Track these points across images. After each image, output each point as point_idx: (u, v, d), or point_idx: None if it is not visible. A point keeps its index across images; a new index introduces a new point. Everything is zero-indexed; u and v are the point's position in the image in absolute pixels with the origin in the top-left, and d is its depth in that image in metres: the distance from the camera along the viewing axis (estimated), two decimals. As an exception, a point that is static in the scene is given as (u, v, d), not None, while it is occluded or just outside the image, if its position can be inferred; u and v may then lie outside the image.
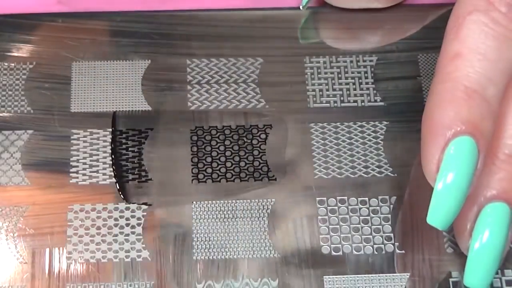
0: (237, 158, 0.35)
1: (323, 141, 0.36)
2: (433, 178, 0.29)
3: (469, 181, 0.28)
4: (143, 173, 0.35)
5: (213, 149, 0.35)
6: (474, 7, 0.29)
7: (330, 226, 0.34)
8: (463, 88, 0.28)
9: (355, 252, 0.33)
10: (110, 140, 0.35)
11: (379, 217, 0.34)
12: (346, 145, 0.36)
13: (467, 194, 0.28)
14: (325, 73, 0.37)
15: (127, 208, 0.34)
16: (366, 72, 0.37)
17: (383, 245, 0.33)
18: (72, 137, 0.35)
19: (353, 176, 0.35)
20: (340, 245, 0.33)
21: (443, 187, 0.28)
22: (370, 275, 0.33)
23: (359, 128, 0.36)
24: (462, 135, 0.28)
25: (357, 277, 0.33)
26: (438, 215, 0.29)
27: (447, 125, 0.28)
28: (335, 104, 0.37)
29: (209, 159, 0.35)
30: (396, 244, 0.33)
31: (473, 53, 0.29)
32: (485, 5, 0.29)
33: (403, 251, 0.33)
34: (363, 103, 0.37)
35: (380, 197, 0.34)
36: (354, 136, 0.36)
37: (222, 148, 0.35)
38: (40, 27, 0.37)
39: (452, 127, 0.28)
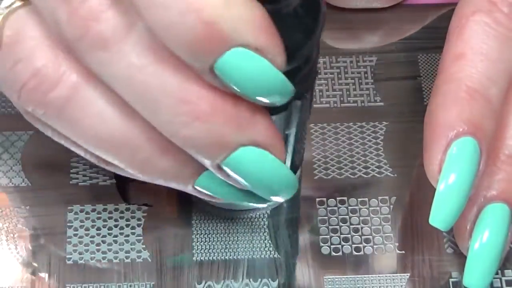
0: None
1: (323, 141, 0.36)
2: (435, 179, 0.29)
3: (471, 182, 0.28)
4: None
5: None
6: (477, 7, 0.29)
7: (330, 227, 0.34)
8: (466, 88, 0.29)
9: (355, 253, 0.33)
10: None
11: (379, 218, 0.34)
12: (346, 146, 0.36)
13: (469, 194, 0.28)
14: (325, 73, 0.37)
15: (127, 209, 0.34)
16: (366, 72, 0.37)
17: (383, 246, 0.33)
18: (72, 138, 0.35)
19: (353, 176, 0.35)
20: (340, 246, 0.33)
21: (445, 188, 0.28)
22: (370, 275, 0.33)
23: (359, 128, 0.36)
24: (464, 136, 0.28)
25: (357, 277, 0.33)
26: (440, 216, 0.28)
27: (450, 126, 0.28)
28: (335, 105, 0.37)
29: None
30: (396, 244, 0.33)
31: (476, 53, 0.29)
32: (487, 6, 0.29)
33: (403, 252, 0.33)
34: (363, 104, 0.37)
35: (380, 198, 0.34)
36: (354, 137, 0.36)
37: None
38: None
39: (454, 128, 0.28)
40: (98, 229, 0.33)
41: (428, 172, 0.29)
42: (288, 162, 0.31)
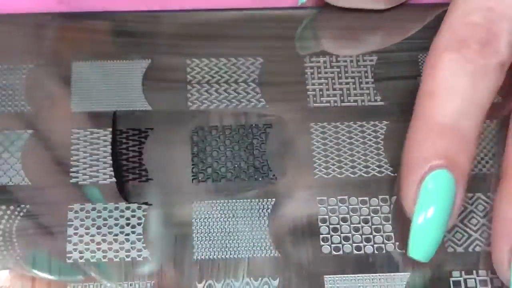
0: (237, 158, 0.35)
1: (323, 141, 0.36)
2: (412, 211, 0.30)
3: (448, 213, 0.29)
4: (143, 173, 0.35)
5: (213, 149, 0.35)
6: (447, 47, 0.30)
7: (330, 226, 0.34)
8: (438, 124, 0.30)
9: (355, 252, 0.33)
10: (110, 140, 0.35)
11: (380, 217, 0.34)
12: (346, 145, 0.36)
13: (447, 225, 0.30)
14: (325, 73, 0.37)
15: (128, 208, 0.34)
16: (366, 72, 0.37)
17: (383, 245, 0.33)
18: (72, 137, 0.35)
19: (353, 175, 0.35)
20: (341, 245, 0.33)
21: (424, 222, 0.29)
22: (370, 274, 0.33)
23: (359, 128, 0.36)
24: (438, 169, 0.29)
25: (358, 276, 0.33)
26: (421, 248, 0.30)
27: (424, 160, 0.30)
28: (335, 104, 0.37)
29: (209, 159, 0.35)
30: (397, 243, 0.33)
31: (447, 90, 0.30)
32: (457, 44, 0.30)
33: (404, 251, 0.33)
34: (363, 103, 0.37)
35: (380, 197, 0.34)
36: (354, 136, 0.36)
37: (222, 148, 0.35)
38: (40, 27, 0.37)
39: (428, 162, 0.29)
40: (99, 228, 0.33)
41: (404, 203, 0.30)
42: None
